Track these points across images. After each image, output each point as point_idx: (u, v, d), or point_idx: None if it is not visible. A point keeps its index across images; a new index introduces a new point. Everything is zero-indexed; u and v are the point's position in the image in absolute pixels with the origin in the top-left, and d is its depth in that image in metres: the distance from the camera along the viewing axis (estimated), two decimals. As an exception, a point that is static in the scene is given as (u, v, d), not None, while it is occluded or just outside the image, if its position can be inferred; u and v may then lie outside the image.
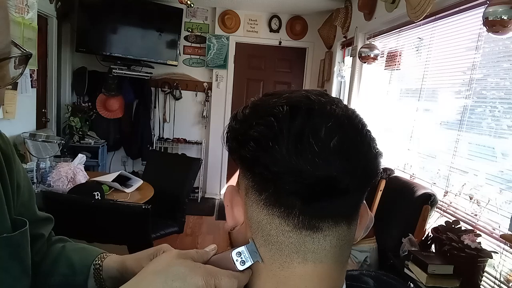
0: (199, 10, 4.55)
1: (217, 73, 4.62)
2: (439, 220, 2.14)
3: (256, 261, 0.45)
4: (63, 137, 3.87)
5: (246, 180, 0.44)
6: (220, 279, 0.44)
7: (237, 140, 0.43)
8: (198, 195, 4.71)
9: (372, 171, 0.42)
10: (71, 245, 0.74)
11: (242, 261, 0.45)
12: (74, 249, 0.72)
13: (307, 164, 0.38)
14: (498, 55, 2.01)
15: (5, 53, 0.43)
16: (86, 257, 0.69)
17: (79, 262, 0.68)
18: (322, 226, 0.41)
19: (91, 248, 0.73)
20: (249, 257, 0.45)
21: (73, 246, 0.73)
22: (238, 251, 0.45)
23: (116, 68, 4.08)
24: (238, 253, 0.45)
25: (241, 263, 0.45)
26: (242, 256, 0.45)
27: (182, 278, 0.43)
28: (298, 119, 0.40)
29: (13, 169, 0.62)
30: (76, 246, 0.74)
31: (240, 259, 0.45)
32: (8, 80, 0.47)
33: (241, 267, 0.45)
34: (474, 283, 1.70)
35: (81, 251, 0.72)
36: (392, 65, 3.00)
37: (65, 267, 0.68)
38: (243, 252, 0.45)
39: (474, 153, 2.07)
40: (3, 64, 0.44)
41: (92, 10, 4.01)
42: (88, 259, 0.69)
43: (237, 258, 0.45)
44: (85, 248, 0.73)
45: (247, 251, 0.45)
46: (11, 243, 0.56)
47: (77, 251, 0.71)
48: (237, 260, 0.45)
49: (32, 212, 0.68)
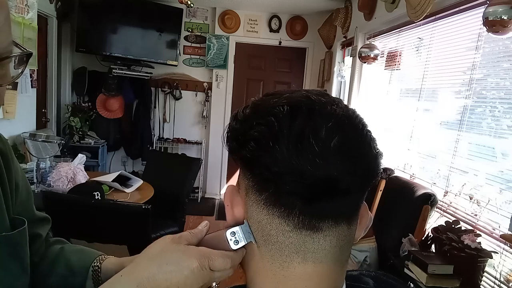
0: (199, 10, 4.55)
1: (217, 73, 4.62)
2: (439, 220, 2.14)
3: (250, 242, 0.45)
4: (63, 137, 3.87)
5: (246, 180, 0.44)
6: (214, 259, 0.45)
7: (237, 140, 0.43)
8: (198, 195, 4.71)
9: (372, 171, 0.42)
10: (69, 247, 0.74)
11: (236, 241, 0.45)
12: (72, 250, 0.72)
13: (307, 164, 0.38)
14: (498, 55, 2.01)
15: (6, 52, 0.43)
16: (85, 258, 0.70)
17: (78, 264, 0.69)
18: (322, 226, 0.41)
19: (89, 250, 0.73)
20: (243, 237, 0.45)
21: (71, 248, 0.74)
22: (232, 231, 0.46)
23: (116, 68, 4.08)
24: (232, 232, 0.45)
25: (235, 243, 0.45)
26: (236, 235, 0.45)
27: (176, 261, 0.44)
28: (298, 119, 0.40)
29: (11, 168, 0.62)
30: (75, 247, 0.74)
31: (234, 238, 0.45)
32: (9, 79, 0.47)
33: (234, 246, 0.45)
34: (474, 283, 1.70)
35: (80, 252, 0.72)
36: (392, 65, 3.00)
37: (63, 268, 0.69)
38: (237, 232, 0.45)
39: (474, 153, 2.07)
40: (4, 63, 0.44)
41: (92, 10, 4.01)
42: (87, 260, 0.69)
43: (231, 238, 0.45)
44: (83, 250, 0.73)
45: (241, 231, 0.45)
46: (10, 242, 0.56)
47: (75, 252, 0.72)
48: (230, 240, 0.45)
49: (30, 211, 0.69)
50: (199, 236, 0.49)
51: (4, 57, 0.43)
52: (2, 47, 0.42)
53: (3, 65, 0.45)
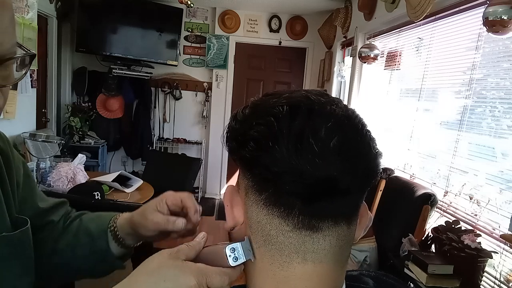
0: (199, 10, 4.55)
1: (217, 73, 4.62)
2: (439, 220, 2.13)
3: (249, 259, 0.44)
4: (63, 137, 3.87)
5: (246, 180, 0.44)
6: (212, 277, 0.44)
7: (237, 140, 0.43)
8: (198, 195, 4.71)
9: (372, 171, 0.42)
10: (87, 216, 0.77)
11: (235, 257, 0.45)
12: (90, 218, 0.75)
13: (307, 164, 0.38)
14: (498, 55, 2.01)
15: (11, 53, 0.44)
16: (102, 222, 0.72)
17: (96, 229, 0.71)
18: (322, 226, 0.41)
19: (105, 214, 0.75)
20: (243, 254, 0.44)
21: (89, 216, 0.76)
22: (232, 247, 0.45)
23: (116, 68, 4.08)
24: (232, 249, 0.45)
25: (234, 259, 0.45)
26: (236, 252, 0.45)
27: (174, 278, 0.44)
28: (298, 119, 0.40)
29: (12, 167, 0.63)
30: (92, 215, 0.77)
31: (233, 255, 0.45)
32: (13, 80, 0.48)
33: (233, 263, 0.45)
34: (474, 283, 1.70)
35: (97, 218, 0.74)
36: (392, 65, 3.00)
37: (85, 237, 0.71)
38: (237, 248, 0.45)
39: (474, 153, 2.07)
40: (8, 64, 0.45)
41: (92, 10, 4.01)
42: (103, 224, 0.71)
43: (230, 254, 0.45)
44: (100, 215, 0.75)
45: (242, 248, 0.45)
46: (11, 242, 0.56)
47: (93, 220, 0.74)
48: (230, 256, 0.45)
49: (35, 206, 0.69)
50: (197, 248, 0.48)
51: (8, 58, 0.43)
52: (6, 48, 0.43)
53: (7, 66, 0.45)
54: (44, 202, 0.72)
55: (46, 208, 0.72)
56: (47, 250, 0.70)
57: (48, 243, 0.70)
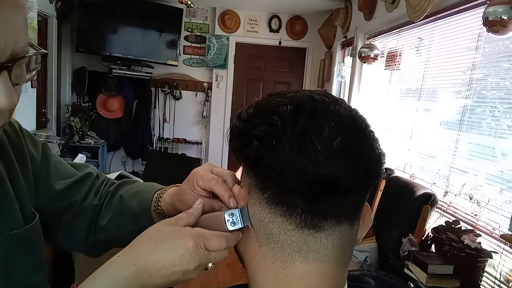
0: (199, 10, 4.55)
1: (217, 73, 4.62)
2: (439, 220, 2.14)
3: (246, 226, 0.45)
4: (63, 137, 3.88)
5: (249, 179, 0.44)
6: (209, 239, 0.45)
7: (241, 139, 0.43)
8: (198, 195, 4.70)
9: (375, 172, 0.42)
10: (127, 192, 0.74)
11: (233, 222, 0.46)
12: (130, 195, 0.72)
13: (310, 163, 0.38)
14: (498, 55, 2.01)
15: (24, 51, 0.44)
16: (143, 201, 0.70)
17: (139, 209, 0.69)
18: (324, 226, 0.41)
19: (144, 190, 0.72)
20: (240, 220, 0.46)
21: (129, 193, 0.73)
22: (231, 212, 0.46)
23: (116, 68, 4.08)
24: (231, 213, 0.46)
25: (232, 224, 0.46)
26: (234, 217, 0.46)
27: (171, 240, 0.45)
28: (301, 118, 0.40)
29: (26, 159, 0.61)
30: (131, 191, 0.74)
31: (231, 219, 0.46)
32: (25, 78, 0.48)
33: (231, 227, 0.46)
34: (474, 283, 1.70)
35: (138, 195, 0.72)
36: (392, 65, 3.00)
37: (130, 216, 0.69)
38: (236, 214, 0.46)
39: (474, 153, 2.07)
40: (22, 63, 0.45)
41: (92, 10, 4.01)
42: (146, 203, 0.69)
43: (228, 218, 0.46)
44: (140, 192, 0.73)
45: (240, 214, 0.46)
46: (19, 239, 0.56)
47: (133, 197, 0.72)
48: (228, 220, 0.46)
49: (51, 189, 0.67)
50: (195, 215, 0.50)
51: (21, 56, 0.44)
52: (20, 46, 0.43)
53: (20, 65, 0.46)
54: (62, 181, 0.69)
55: (62, 189, 0.69)
56: (83, 231, 0.70)
57: (82, 223, 0.69)
